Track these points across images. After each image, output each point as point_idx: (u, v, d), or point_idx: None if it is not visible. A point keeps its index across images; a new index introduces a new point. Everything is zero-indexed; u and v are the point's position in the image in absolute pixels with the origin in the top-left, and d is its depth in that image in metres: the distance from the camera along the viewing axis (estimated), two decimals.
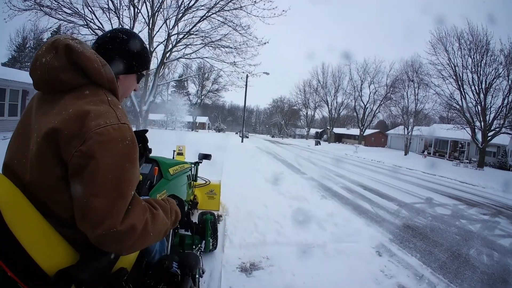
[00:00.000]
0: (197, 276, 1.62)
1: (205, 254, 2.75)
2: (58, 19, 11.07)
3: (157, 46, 12.18)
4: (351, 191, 7.32)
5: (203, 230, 2.61)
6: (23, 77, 13.77)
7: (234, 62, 13.27)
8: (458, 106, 23.99)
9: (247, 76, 22.07)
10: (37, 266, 0.79)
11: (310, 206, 4.97)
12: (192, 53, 12.91)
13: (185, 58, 13.09)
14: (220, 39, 12.73)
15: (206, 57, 13.02)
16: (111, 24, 12.34)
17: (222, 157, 10.40)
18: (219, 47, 12.92)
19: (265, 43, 12.36)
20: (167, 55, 12.74)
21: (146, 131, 1.40)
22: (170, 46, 12.26)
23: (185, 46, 13.24)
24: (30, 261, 0.78)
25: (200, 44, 12.64)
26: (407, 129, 30.11)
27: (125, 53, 1.04)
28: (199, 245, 2.36)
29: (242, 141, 25.26)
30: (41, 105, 0.92)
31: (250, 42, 12.18)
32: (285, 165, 11.82)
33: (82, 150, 0.80)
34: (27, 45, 36.38)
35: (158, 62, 12.46)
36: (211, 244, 2.75)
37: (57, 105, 0.87)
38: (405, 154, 29.71)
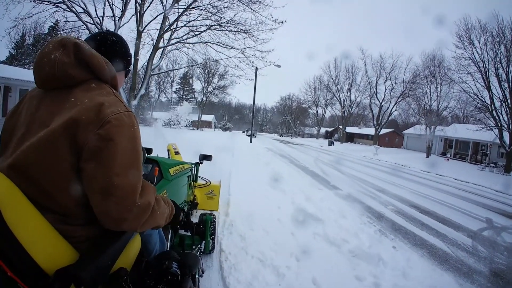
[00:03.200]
0: (196, 276, 1.57)
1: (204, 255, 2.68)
2: (33, 0, 8.99)
3: (147, 25, 10.00)
4: (409, 217, 5.71)
5: (203, 231, 2.57)
6: (5, 72, 11.87)
7: (244, 48, 11.04)
8: (485, 105, 22.21)
9: (256, 69, 19.97)
10: (37, 265, 0.80)
11: (393, 276, 2.73)
12: (193, 36, 10.70)
13: (185, 43, 10.84)
14: (227, 22, 10.51)
15: (210, 42, 10.81)
16: (95, 7, 10.26)
17: (229, 163, 8.22)
18: (227, 30, 10.71)
19: (281, 22, 10.07)
20: (163, 39, 10.56)
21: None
22: (167, 27, 10.03)
23: (187, 31, 11.05)
24: (30, 260, 0.79)
25: (203, 25, 10.42)
26: (430, 129, 27.60)
27: (117, 53, 1.12)
28: (199, 246, 2.36)
29: (251, 142, 22.98)
30: (47, 102, 0.94)
31: (264, 21, 9.91)
32: (309, 174, 9.63)
33: (100, 134, 0.86)
34: (25, 42, 35.35)
35: (152, 48, 10.29)
36: (210, 244, 2.71)
37: (67, 100, 0.91)
38: (427, 157, 27.47)
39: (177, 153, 3.66)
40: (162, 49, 11.53)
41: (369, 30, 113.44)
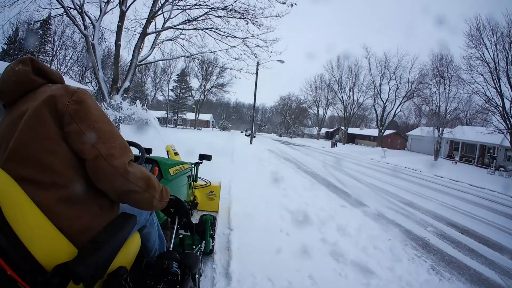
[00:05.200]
0: (196, 275, 1.54)
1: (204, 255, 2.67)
2: None
3: (131, 4, 8.47)
4: (453, 241, 4.90)
5: (203, 231, 2.54)
6: None
7: (246, 37, 9.61)
8: (497, 108, 21.41)
9: (257, 64, 18.53)
10: (36, 261, 0.80)
11: None
12: (188, 21, 9.19)
13: (178, 29, 9.32)
14: (227, 7, 9.09)
15: (208, 29, 9.34)
16: None
17: (228, 172, 6.73)
18: (227, 16, 9.28)
19: (291, 4, 8.58)
20: (155, 24, 9.05)
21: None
22: (158, 9, 8.49)
23: (182, 19, 9.56)
24: (29, 256, 0.79)
25: (199, 8, 8.92)
26: (438, 131, 26.43)
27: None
28: (199, 245, 2.34)
29: (251, 143, 21.43)
30: (18, 107, 1.05)
31: (269, 4, 8.43)
32: (324, 184, 8.13)
33: (73, 99, 1.00)
34: (18, 37, 34.14)
35: (140, 34, 8.76)
36: (210, 244, 2.67)
37: (35, 94, 1.06)
38: (435, 160, 26.41)
39: (176, 154, 3.51)
40: (154, 39, 10.06)
41: (373, 29, 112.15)
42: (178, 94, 52.72)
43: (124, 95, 7.87)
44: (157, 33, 9.74)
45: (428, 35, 65.42)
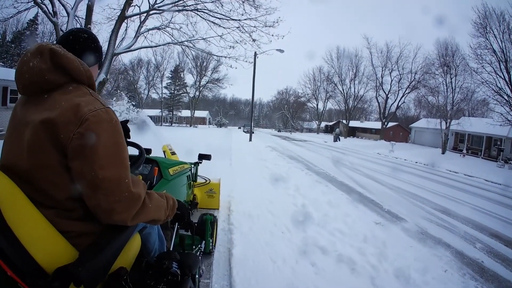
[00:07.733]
0: (196, 276, 1.51)
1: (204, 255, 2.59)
2: None
3: None
4: (504, 260, 4.08)
5: (203, 230, 2.53)
6: None
7: (244, 19, 8.31)
8: (507, 99, 20.25)
9: (255, 54, 17.15)
10: (37, 264, 0.78)
11: None
12: (173, 4, 7.79)
13: (163, 10, 7.89)
14: None
15: (198, 10, 7.96)
16: None
17: (226, 179, 5.40)
18: None
19: None
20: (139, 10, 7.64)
21: (127, 121, 1.48)
22: None
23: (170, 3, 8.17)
24: (30, 259, 0.77)
25: None
26: (446, 123, 25.31)
27: (89, 49, 1.11)
28: (199, 245, 2.31)
29: (250, 140, 20.05)
30: (28, 106, 0.97)
31: None
32: (344, 191, 6.73)
33: (80, 132, 0.87)
34: (6, 39, 32.81)
35: (117, 18, 7.35)
36: (210, 244, 2.66)
37: (46, 102, 0.94)
38: (443, 153, 25.43)
39: (173, 153, 3.40)
40: (138, 27, 8.65)
41: (373, 20, 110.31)
42: (173, 91, 51.12)
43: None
44: (140, 16, 8.31)
45: (432, 24, 64.05)
